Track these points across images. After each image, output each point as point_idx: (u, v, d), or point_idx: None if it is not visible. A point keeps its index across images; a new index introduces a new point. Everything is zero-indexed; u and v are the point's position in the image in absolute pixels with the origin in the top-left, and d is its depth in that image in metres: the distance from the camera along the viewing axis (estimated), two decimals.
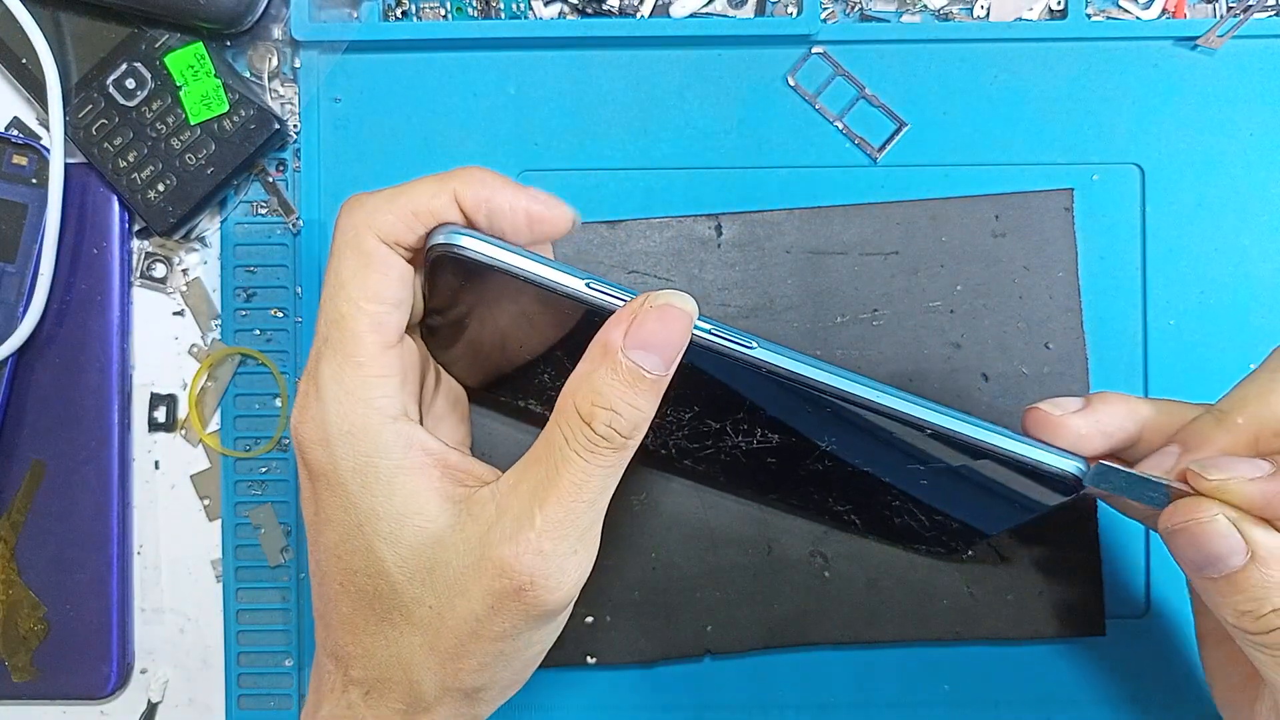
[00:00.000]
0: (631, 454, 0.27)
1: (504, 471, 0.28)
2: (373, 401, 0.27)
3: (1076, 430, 0.28)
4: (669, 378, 0.26)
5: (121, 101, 0.37)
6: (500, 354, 0.32)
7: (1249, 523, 0.25)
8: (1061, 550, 0.36)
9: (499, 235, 0.28)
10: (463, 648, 0.27)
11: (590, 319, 0.27)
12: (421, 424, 0.29)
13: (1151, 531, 0.37)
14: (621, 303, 0.27)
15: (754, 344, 0.27)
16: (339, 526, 0.28)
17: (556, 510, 0.26)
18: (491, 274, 0.27)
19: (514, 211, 0.28)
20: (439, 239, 0.27)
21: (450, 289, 0.29)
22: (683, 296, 0.26)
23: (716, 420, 0.32)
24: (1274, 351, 0.27)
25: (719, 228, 0.37)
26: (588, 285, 0.27)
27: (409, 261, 0.28)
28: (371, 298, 0.27)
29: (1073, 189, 0.37)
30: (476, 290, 0.28)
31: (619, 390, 0.25)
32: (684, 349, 0.26)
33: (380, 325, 0.27)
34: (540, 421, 0.36)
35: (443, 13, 0.38)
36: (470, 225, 0.28)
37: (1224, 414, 0.26)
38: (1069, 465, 0.27)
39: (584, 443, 0.26)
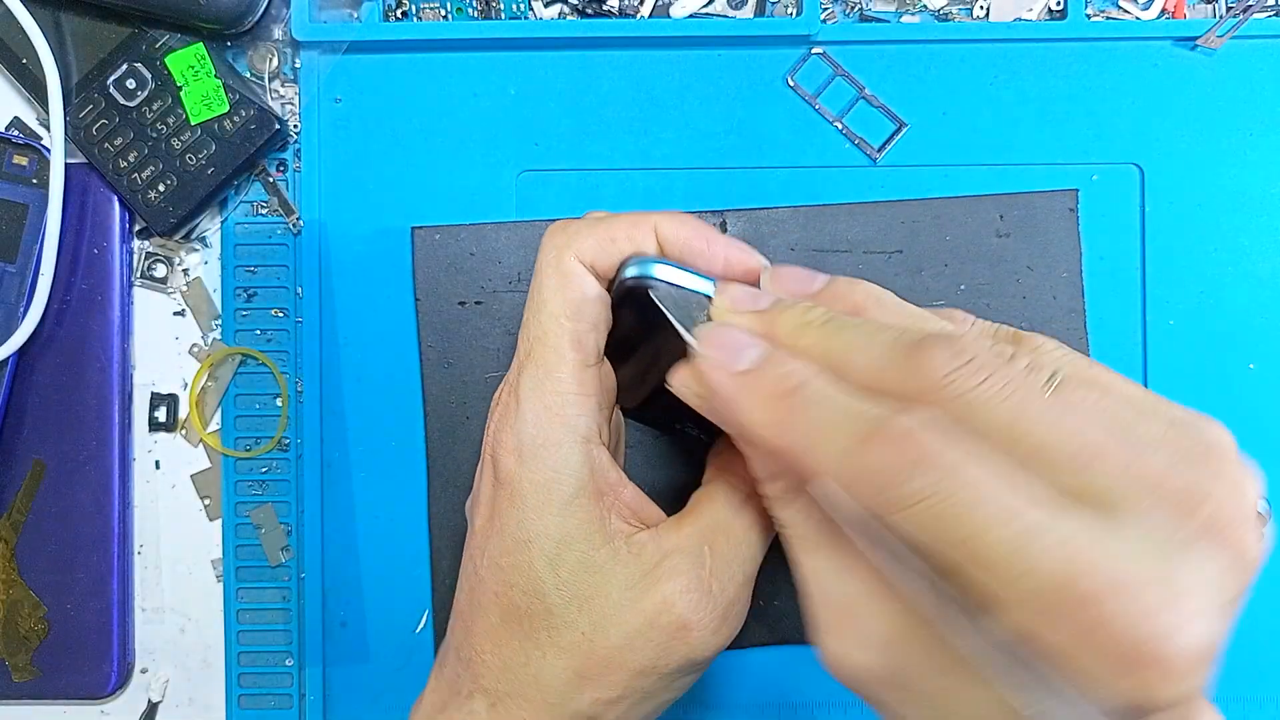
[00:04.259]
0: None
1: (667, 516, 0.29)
2: (569, 419, 0.27)
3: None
4: None
5: (122, 102, 0.37)
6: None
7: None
8: None
9: None
10: (608, 675, 0.27)
11: None
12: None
13: None
14: None
15: None
16: (508, 539, 0.28)
17: (727, 550, 0.27)
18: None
19: (712, 255, 0.28)
20: (632, 269, 0.27)
21: (633, 320, 0.29)
22: None
23: None
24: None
25: (724, 224, 0.37)
26: None
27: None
28: (571, 315, 0.27)
29: (1077, 190, 0.37)
30: (661, 322, 0.28)
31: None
32: None
33: (580, 342, 0.27)
34: (691, 441, 0.35)
35: (443, 13, 0.38)
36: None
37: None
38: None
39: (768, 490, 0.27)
